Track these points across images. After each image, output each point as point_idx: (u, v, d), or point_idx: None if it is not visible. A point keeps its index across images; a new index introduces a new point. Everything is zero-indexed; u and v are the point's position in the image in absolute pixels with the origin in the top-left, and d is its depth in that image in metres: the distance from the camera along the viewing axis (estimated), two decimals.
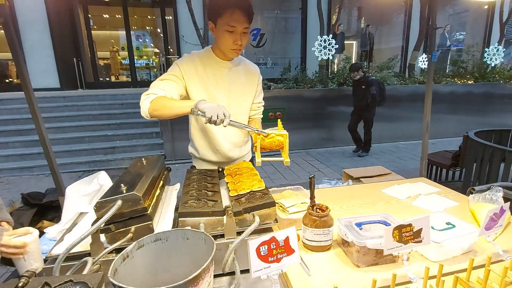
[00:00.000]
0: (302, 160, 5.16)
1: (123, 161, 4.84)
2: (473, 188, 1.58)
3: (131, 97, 6.18)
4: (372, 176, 2.22)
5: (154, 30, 9.40)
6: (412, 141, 6.41)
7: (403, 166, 4.84)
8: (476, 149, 2.82)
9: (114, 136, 5.28)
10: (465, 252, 1.03)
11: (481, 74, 6.99)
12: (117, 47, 9.30)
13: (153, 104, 1.19)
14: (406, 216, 1.13)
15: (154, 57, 9.57)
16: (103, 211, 0.84)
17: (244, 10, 1.21)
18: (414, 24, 8.33)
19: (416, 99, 6.36)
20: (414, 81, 6.64)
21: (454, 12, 10.53)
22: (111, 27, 8.87)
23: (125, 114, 5.68)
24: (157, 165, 1.19)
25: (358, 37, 9.28)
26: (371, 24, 8.81)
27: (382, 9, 9.66)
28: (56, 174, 1.33)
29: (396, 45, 9.16)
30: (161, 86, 1.27)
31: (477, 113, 6.60)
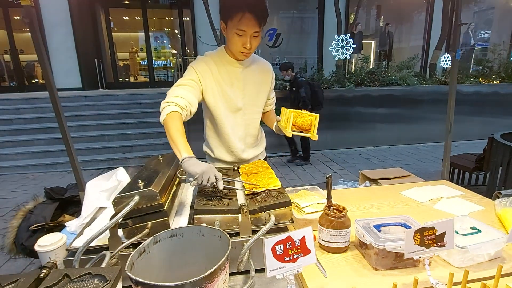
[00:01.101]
0: (318, 161, 5.10)
1: (141, 159, 4.96)
2: (500, 192, 1.50)
3: (148, 97, 6.34)
4: (390, 178, 2.15)
5: (172, 31, 9.60)
6: (432, 143, 6.18)
7: (423, 168, 4.67)
8: (503, 151, 2.67)
9: (132, 135, 5.43)
10: (492, 258, 0.97)
11: (507, 74, 6.64)
12: (136, 48, 9.57)
13: (167, 119, 1.17)
14: (427, 219, 1.08)
15: (171, 57, 9.77)
16: (121, 206, 0.85)
17: (255, 14, 1.18)
18: (435, 23, 8.03)
19: (438, 99, 6.13)
20: (435, 81, 6.40)
21: (479, 10, 10.08)
22: (131, 29, 9.14)
23: (143, 114, 5.82)
24: (173, 163, 1.20)
25: (377, 37, 9.07)
26: (391, 23, 8.58)
27: (402, 7, 9.38)
28: (77, 170, 1.38)
29: (416, 44, 8.88)
30: (179, 92, 1.24)
31: (503, 114, 6.27)
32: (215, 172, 0.97)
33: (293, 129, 1.23)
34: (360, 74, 6.03)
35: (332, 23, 7.11)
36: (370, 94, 5.80)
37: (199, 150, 1.64)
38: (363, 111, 5.68)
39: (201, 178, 0.95)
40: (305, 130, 1.24)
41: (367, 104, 5.78)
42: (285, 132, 1.24)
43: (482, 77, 6.72)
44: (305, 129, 1.23)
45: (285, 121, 1.26)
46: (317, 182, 4.11)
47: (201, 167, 0.96)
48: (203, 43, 6.52)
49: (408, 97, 6.01)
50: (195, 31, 7.17)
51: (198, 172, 0.95)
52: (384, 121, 6.00)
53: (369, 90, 5.81)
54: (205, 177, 0.95)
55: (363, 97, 5.69)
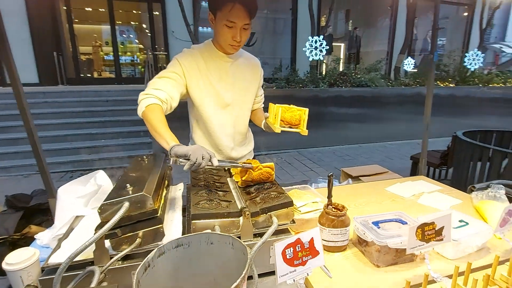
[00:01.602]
0: (295, 160, 5.16)
1: (109, 160, 4.64)
2: (474, 186, 1.60)
3: (116, 94, 5.95)
4: (370, 174, 2.22)
5: (140, 25, 9.14)
6: (398, 141, 6.57)
7: (392, 165, 4.94)
8: (465, 148, 2.90)
9: (99, 134, 5.06)
10: (479, 249, 1.02)
11: (462, 78, 7.27)
12: (100, 42, 8.97)
13: (146, 111, 1.11)
14: (415, 214, 1.12)
15: (139, 53, 9.31)
16: (108, 214, 0.76)
17: (245, 5, 1.14)
18: (399, 28, 8.55)
19: (403, 101, 6.54)
20: (400, 83, 6.82)
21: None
22: (94, 21, 8.52)
23: (110, 112, 5.45)
24: (160, 164, 1.11)
25: (346, 40, 9.43)
26: (358, 27, 8.97)
27: (369, 13, 9.88)
28: (46, 174, 1.22)
29: (382, 48, 9.38)
30: (160, 85, 1.18)
31: (459, 115, 6.86)
32: (207, 150, 0.97)
33: (282, 125, 1.20)
34: (333, 75, 6.22)
35: (305, 24, 7.26)
36: (342, 94, 6.01)
37: None
38: (336, 111, 5.86)
39: (195, 156, 0.92)
40: (294, 125, 1.21)
41: (340, 104, 5.98)
42: (274, 129, 1.20)
43: (440, 80, 7.29)
44: (294, 125, 1.21)
45: (273, 117, 1.22)
46: (296, 181, 4.15)
47: (192, 147, 0.96)
48: (177, 39, 6.27)
49: (377, 98, 6.33)
50: (166, 26, 6.88)
51: (190, 150, 0.94)
52: (355, 120, 6.25)
53: (341, 90, 6.01)
54: (198, 154, 0.93)
55: (336, 98, 5.88)
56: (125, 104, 5.68)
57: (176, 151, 0.96)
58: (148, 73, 5.30)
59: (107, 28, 7.70)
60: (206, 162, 0.95)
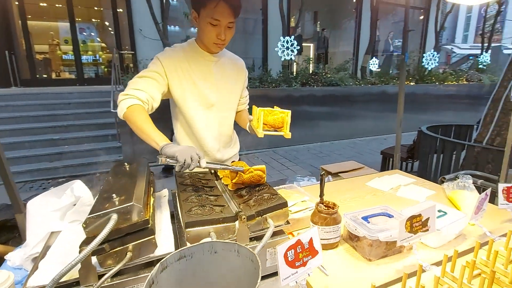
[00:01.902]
0: (271, 159, 5.20)
1: (74, 168, 4.32)
2: (444, 177, 1.72)
3: (78, 96, 5.57)
4: (348, 171, 2.30)
5: (102, 23, 8.62)
6: (366, 137, 6.91)
7: (363, 160, 5.14)
8: (429, 142, 3.12)
9: (61, 140, 4.68)
10: (457, 236, 1.10)
11: (420, 76, 7.83)
12: (57, 40, 8.31)
13: (128, 113, 1.07)
14: (396, 206, 1.17)
15: (101, 52, 8.79)
16: (94, 228, 0.70)
17: (229, 3, 1.12)
18: (363, 30, 8.99)
19: (369, 99, 6.88)
20: (367, 82, 7.17)
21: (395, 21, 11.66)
22: (51, 18, 7.87)
23: (73, 115, 5.08)
24: (145, 170, 1.05)
25: (315, 40, 9.70)
26: (326, 28, 9.27)
27: (335, 14, 10.27)
28: (11, 187, 1.09)
29: (348, 49, 9.79)
30: (141, 85, 1.13)
31: (420, 111, 7.37)
32: (196, 151, 0.95)
33: (265, 128, 1.19)
34: (304, 75, 6.36)
35: (275, 25, 7.34)
36: (314, 93, 6.17)
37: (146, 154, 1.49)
38: (309, 110, 6.01)
39: (182, 157, 0.91)
40: (277, 128, 1.21)
41: (312, 103, 6.14)
42: (257, 133, 1.19)
43: None
44: (277, 127, 1.21)
45: (256, 120, 1.21)
46: (274, 180, 4.18)
47: (181, 147, 0.96)
48: (145, 37, 6.01)
49: (346, 96, 6.60)
50: (133, 24, 6.56)
51: (178, 151, 0.92)
52: (327, 118, 6.46)
53: (313, 90, 6.18)
54: (186, 155, 0.91)
55: (309, 97, 6.03)
56: (89, 107, 5.34)
57: (166, 152, 0.93)
58: (114, 73, 5.01)
59: (65, 26, 7.15)
60: (195, 164, 0.93)
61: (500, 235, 1.05)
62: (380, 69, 8.20)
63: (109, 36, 8.29)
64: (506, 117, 2.53)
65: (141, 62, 5.46)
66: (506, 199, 1.12)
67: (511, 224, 1.15)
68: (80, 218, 0.95)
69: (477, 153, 2.60)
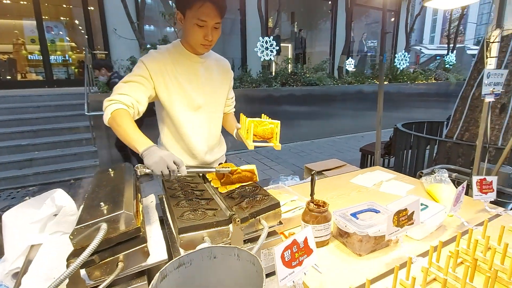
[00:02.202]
0: (253, 159, 5.21)
1: (46, 175, 4.07)
2: (422, 172, 1.81)
3: (48, 98, 5.26)
4: (331, 168, 2.35)
5: (71, 21, 8.21)
6: (345, 135, 7.12)
7: (343, 157, 5.30)
8: (405, 138, 3.27)
9: (31, 146, 4.40)
10: (438, 227, 1.16)
11: (393, 76, 8.19)
12: (22, 40, 7.79)
13: (112, 119, 1.04)
14: (380, 201, 1.22)
15: (71, 52, 8.38)
16: (82, 239, 0.66)
17: (215, 4, 1.12)
18: (339, 31, 9.25)
19: (347, 98, 7.10)
20: (344, 82, 7.39)
21: (368, 23, 12.11)
22: (14, 16, 7.37)
23: (43, 119, 4.79)
24: (131, 175, 1.01)
25: (293, 41, 9.84)
26: (303, 29, 9.44)
27: (312, 15, 10.47)
28: None
29: (324, 49, 10.03)
30: (126, 90, 1.10)
31: (393, 108, 7.71)
32: (173, 159, 0.91)
33: (254, 139, 1.17)
34: (284, 75, 6.44)
35: (254, 25, 7.36)
36: (294, 93, 6.26)
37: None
38: (289, 109, 6.08)
39: (158, 169, 0.88)
40: (266, 139, 1.19)
41: (292, 102, 6.23)
42: (247, 145, 1.16)
43: (376, 78, 8.10)
44: (266, 138, 1.19)
45: (245, 131, 1.19)
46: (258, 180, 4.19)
47: (155, 158, 0.90)
48: (120, 37, 5.78)
49: (325, 96, 6.76)
50: (106, 23, 6.30)
51: (152, 164, 0.88)
52: (307, 117, 6.58)
53: (293, 89, 6.26)
54: (162, 167, 0.88)
55: (289, 96, 6.10)
56: (61, 110, 5.06)
57: (145, 162, 0.91)
58: (87, 74, 4.78)
59: (30, 24, 6.72)
60: (174, 173, 0.91)
61: (476, 224, 1.12)
62: (355, 69, 8.48)
63: (79, 35, 7.91)
64: (474, 114, 2.71)
65: (116, 62, 5.25)
66: (479, 191, 1.20)
67: (485, 214, 1.23)
68: (62, 229, 0.89)
69: (449, 147, 2.76)
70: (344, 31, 8.26)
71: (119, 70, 5.29)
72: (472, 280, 0.75)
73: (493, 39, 1.11)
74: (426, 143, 2.97)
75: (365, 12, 11.14)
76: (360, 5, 9.38)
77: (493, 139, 2.53)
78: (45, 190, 0.96)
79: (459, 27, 10.82)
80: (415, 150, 3.15)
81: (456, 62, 9.67)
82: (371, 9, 10.67)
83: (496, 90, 1.22)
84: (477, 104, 2.72)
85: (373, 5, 9.79)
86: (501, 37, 1.09)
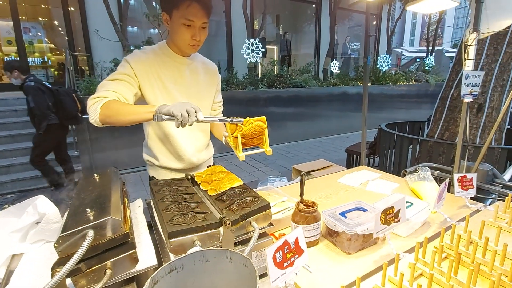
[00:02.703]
0: (241, 161, 5.19)
1: (25, 181, 3.90)
2: (406, 170, 1.87)
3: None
4: (318, 169, 2.38)
5: (50, 22, 7.95)
6: (330, 136, 7.24)
7: (330, 158, 5.38)
8: (389, 138, 3.36)
9: (8, 151, 4.20)
10: (422, 224, 1.20)
11: (376, 77, 8.42)
12: None
13: (104, 109, 1.00)
14: (367, 200, 1.25)
15: (50, 54, 8.11)
16: (67, 247, 0.64)
17: (202, 3, 1.12)
18: (323, 34, 9.42)
19: (332, 99, 7.22)
20: (329, 84, 7.52)
21: (350, 26, 12.41)
22: None
23: (21, 124, 4.59)
24: (117, 180, 0.98)
25: (278, 43, 9.93)
26: (288, 31, 9.55)
27: (297, 18, 10.61)
28: None
29: (309, 52, 10.19)
30: (112, 87, 1.08)
31: (376, 110, 7.92)
32: (191, 104, 0.94)
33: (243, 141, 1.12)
34: (270, 77, 6.48)
35: (239, 27, 7.38)
36: (280, 95, 6.32)
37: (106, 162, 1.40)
38: (276, 111, 6.12)
39: (178, 110, 0.89)
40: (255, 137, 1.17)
41: (279, 104, 6.28)
42: (238, 157, 1.12)
43: (360, 80, 8.30)
44: (255, 136, 1.18)
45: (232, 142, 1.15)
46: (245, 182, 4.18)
47: (174, 103, 0.93)
48: (102, 39, 5.64)
49: (310, 97, 6.85)
50: (87, 24, 6.13)
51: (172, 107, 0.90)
52: (293, 119, 6.64)
53: (280, 91, 6.31)
54: (181, 109, 0.90)
55: (275, 98, 6.15)
56: None
57: (161, 111, 0.92)
58: (68, 76, 4.63)
59: (6, 24, 6.45)
60: (192, 117, 0.92)
61: (458, 220, 1.17)
62: (339, 71, 8.66)
63: (59, 36, 7.67)
64: (453, 114, 2.83)
65: (99, 64, 5.12)
66: (460, 187, 1.25)
67: (466, 210, 1.29)
68: (45, 237, 0.86)
69: (430, 146, 2.86)
70: (328, 34, 8.42)
71: (101, 72, 5.17)
72: (456, 273, 0.77)
73: (471, 42, 1.17)
74: (409, 143, 3.07)
75: (348, 16, 11.41)
76: (343, 9, 9.59)
77: (471, 138, 2.65)
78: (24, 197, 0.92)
79: (437, 31, 11.27)
80: (399, 150, 3.24)
81: (435, 64, 10.06)
82: (354, 13, 10.94)
83: (474, 91, 1.28)
84: (456, 104, 2.84)
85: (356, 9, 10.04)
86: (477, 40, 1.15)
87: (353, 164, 4.08)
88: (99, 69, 5.05)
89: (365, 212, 1.12)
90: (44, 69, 7.98)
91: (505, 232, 1.05)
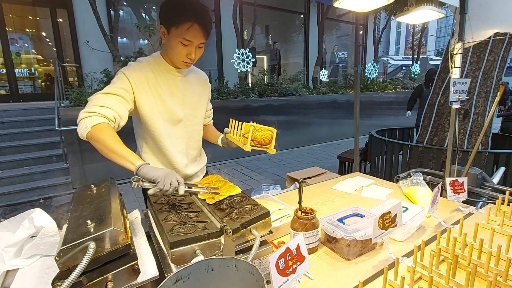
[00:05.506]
0: (233, 170, 5.18)
1: (12, 195, 3.77)
2: (399, 176, 1.91)
3: (14, 114, 4.93)
4: (312, 176, 2.40)
5: (38, 33, 7.87)
6: (322, 143, 7.32)
7: (322, 165, 5.42)
8: (380, 144, 3.43)
9: None
10: (418, 228, 1.22)
11: (365, 85, 8.62)
12: None
13: (94, 131, 0.98)
14: (363, 206, 1.27)
15: (37, 65, 7.99)
16: (68, 260, 0.63)
17: (202, 26, 1.13)
18: (312, 43, 9.63)
19: (322, 107, 7.34)
20: (319, 92, 7.65)
21: (338, 36, 12.75)
22: None
23: (8, 136, 4.48)
24: (115, 191, 0.97)
25: (267, 53, 10.08)
26: (277, 41, 9.73)
27: (285, 28, 10.84)
28: None
29: (299, 61, 10.38)
30: (107, 102, 1.06)
31: (365, 117, 8.08)
32: (176, 176, 0.93)
33: (252, 144, 1.17)
34: (261, 86, 6.55)
35: (229, 37, 7.48)
36: (272, 103, 6.38)
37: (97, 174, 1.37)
38: (267, 119, 6.16)
39: (163, 182, 0.88)
40: (263, 145, 1.21)
41: (270, 112, 6.33)
42: (244, 148, 1.16)
43: (349, 88, 8.48)
44: (263, 144, 1.21)
45: (239, 134, 1.20)
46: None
47: (162, 171, 0.92)
48: (92, 50, 5.60)
49: (301, 105, 6.95)
50: (77, 35, 6.10)
51: (160, 175, 0.89)
52: (285, 127, 6.70)
53: (270, 100, 6.38)
54: (167, 181, 0.89)
55: (266, 107, 6.20)
56: (28, 125, 4.77)
57: (145, 174, 0.89)
58: (57, 88, 4.56)
59: None
60: (172, 191, 0.91)
61: (453, 223, 1.20)
62: (328, 79, 8.84)
63: (47, 47, 7.59)
64: (441, 119, 2.92)
65: (89, 75, 5.07)
66: (453, 191, 1.29)
67: (459, 213, 1.32)
68: (41, 252, 0.84)
69: (420, 152, 2.93)
70: (317, 43, 8.62)
71: (92, 83, 5.12)
72: (454, 276, 0.79)
73: (457, 51, 1.23)
74: (399, 149, 3.13)
75: (336, 26, 11.73)
76: (331, 19, 9.86)
77: (459, 143, 2.73)
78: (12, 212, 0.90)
79: (421, 40, 11.69)
80: (390, 156, 3.31)
81: (420, 72, 10.38)
82: (341, 23, 11.25)
83: (461, 98, 1.34)
84: (443, 110, 2.93)
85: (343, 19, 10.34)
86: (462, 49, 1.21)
87: (346, 170, 4.12)
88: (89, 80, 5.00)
89: (362, 218, 1.13)
90: (31, 80, 7.84)
91: (498, 234, 1.09)
